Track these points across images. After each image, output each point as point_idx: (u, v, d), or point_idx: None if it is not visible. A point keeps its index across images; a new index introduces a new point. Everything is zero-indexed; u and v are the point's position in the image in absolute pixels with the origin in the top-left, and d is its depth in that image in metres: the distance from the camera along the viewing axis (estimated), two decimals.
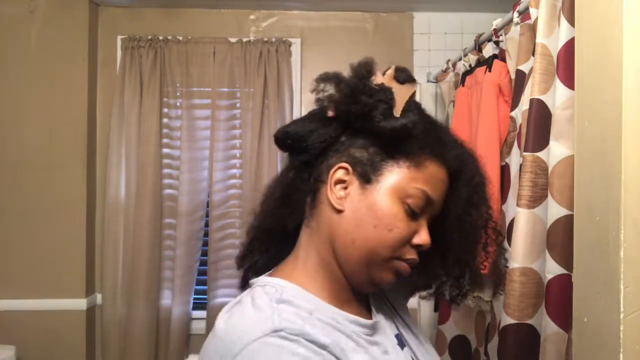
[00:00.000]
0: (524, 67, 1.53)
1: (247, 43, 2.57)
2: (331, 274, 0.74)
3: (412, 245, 0.72)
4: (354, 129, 0.73)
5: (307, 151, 0.76)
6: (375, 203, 0.71)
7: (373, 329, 0.74)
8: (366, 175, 0.72)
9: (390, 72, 0.74)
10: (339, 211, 0.72)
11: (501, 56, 1.83)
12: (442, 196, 0.74)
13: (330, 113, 0.74)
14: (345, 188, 0.73)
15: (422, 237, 0.73)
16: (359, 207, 0.71)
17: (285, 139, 0.76)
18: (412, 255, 0.73)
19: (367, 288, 0.76)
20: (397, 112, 0.71)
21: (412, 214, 0.71)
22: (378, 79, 0.73)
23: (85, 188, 2.52)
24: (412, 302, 0.95)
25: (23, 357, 2.39)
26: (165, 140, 2.58)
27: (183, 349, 2.55)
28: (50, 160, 2.49)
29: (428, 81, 2.66)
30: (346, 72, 0.79)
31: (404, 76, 0.74)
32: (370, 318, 0.77)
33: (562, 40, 1.28)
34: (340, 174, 0.73)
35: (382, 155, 0.72)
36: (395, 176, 0.71)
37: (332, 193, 0.73)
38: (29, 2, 2.48)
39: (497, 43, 1.86)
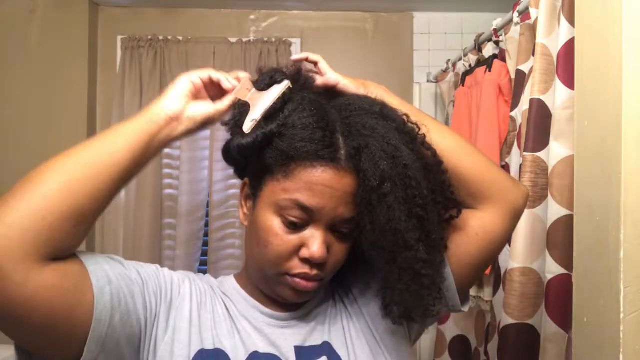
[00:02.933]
0: (524, 67, 1.53)
1: (247, 43, 2.57)
2: (252, 282, 0.77)
3: (302, 258, 0.68)
4: None
5: (237, 166, 0.78)
6: (256, 219, 0.71)
7: (276, 320, 0.74)
8: (253, 191, 0.73)
9: (241, 84, 0.71)
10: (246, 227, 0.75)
11: (501, 56, 1.83)
12: (334, 200, 0.66)
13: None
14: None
15: (311, 249, 0.67)
16: (250, 224, 0.74)
17: (222, 152, 0.78)
18: (300, 269, 0.68)
19: (280, 299, 0.74)
20: (247, 127, 0.68)
21: (293, 226, 0.68)
22: (237, 94, 0.71)
23: None
24: None
25: None
26: None
27: None
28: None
29: (428, 81, 2.66)
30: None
31: (265, 81, 0.71)
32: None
33: (562, 40, 1.29)
34: (246, 189, 0.76)
35: (262, 169, 0.71)
36: (270, 190, 0.69)
37: (240, 209, 0.77)
38: (29, 2, 2.48)
39: (497, 43, 1.86)
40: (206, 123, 0.72)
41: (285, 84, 0.70)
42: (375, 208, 0.66)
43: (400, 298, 0.71)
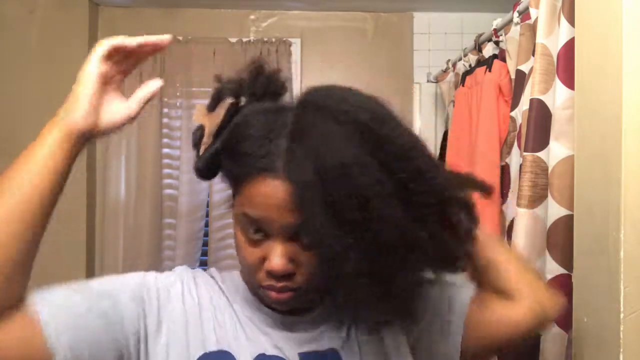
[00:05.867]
0: (524, 67, 1.53)
1: (247, 43, 2.57)
2: None
3: (266, 271, 0.67)
4: None
5: None
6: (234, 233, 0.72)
7: (282, 323, 0.74)
8: (232, 204, 0.73)
9: (197, 109, 0.71)
10: None
11: (501, 56, 1.83)
12: (277, 210, 0.62)
13: None
14: None
15: (270, 262, 0.65)
16: None
17: None
18: (267, 281, 0.67)
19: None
20: (201, 151, 0.70)
21: (254, 239, 0.67)
22: (198, 120, 0.71)
23: (85, 188, 2.51)
24: None
25: None
26: (165, 140, 2.58)
27: None
28: None
29: (428, 81, 2.66)
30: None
31: (212, 102, 0.70)
32: None
33: (562, 40, 1.28)
34: None
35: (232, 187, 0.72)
36: (234, 204, 0.70)
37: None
38: (29, 2, 2.48)
39: (497, 43, 1.86)
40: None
41: (227, 101, 0.70)
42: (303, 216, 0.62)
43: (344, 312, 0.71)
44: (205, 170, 0.70)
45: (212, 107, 0.70)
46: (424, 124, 2.71)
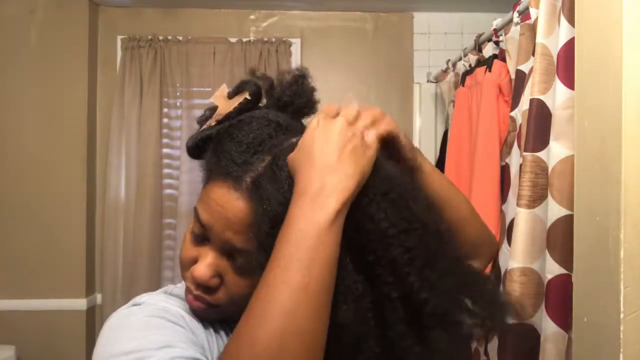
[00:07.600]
0: (524, 67, 1.53)
1: (247, 43, 2.57)
2: None
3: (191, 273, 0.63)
4: None
5: None
6: None
7: None
8: None
9: (220, 90, 0.69)
10: None
11: (501, 56, 1.83)
12: (222, 221, 0.60)
13: None
14: None
15: (196, 267, 0.62)
16: None
17: None
18: (189, 283, 0.64)
19: None
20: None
21: (196, 239, 0.64)
22: (215, 100, 0.69)
23: (85, 188, 2.51)
24: None
25: (23, 357, 2.39)
26: (165, 140, 2.58)
27: None
28: (51, 160, 2.49)
29: (428, 81, 2.66)
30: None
31: (234, 90, 0.68)
32: None
33: (562, 40, 1.28)
34: None
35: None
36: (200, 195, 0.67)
37: None
38: (29, 2, 2.49)
39: (497, 43, 1.86)
40: None
41: (244, 95, 0.68)
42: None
43: None
44: (192, 149, 0.68)
45: (232, 95, 0.68)
46: (424, 124, 2.71)
